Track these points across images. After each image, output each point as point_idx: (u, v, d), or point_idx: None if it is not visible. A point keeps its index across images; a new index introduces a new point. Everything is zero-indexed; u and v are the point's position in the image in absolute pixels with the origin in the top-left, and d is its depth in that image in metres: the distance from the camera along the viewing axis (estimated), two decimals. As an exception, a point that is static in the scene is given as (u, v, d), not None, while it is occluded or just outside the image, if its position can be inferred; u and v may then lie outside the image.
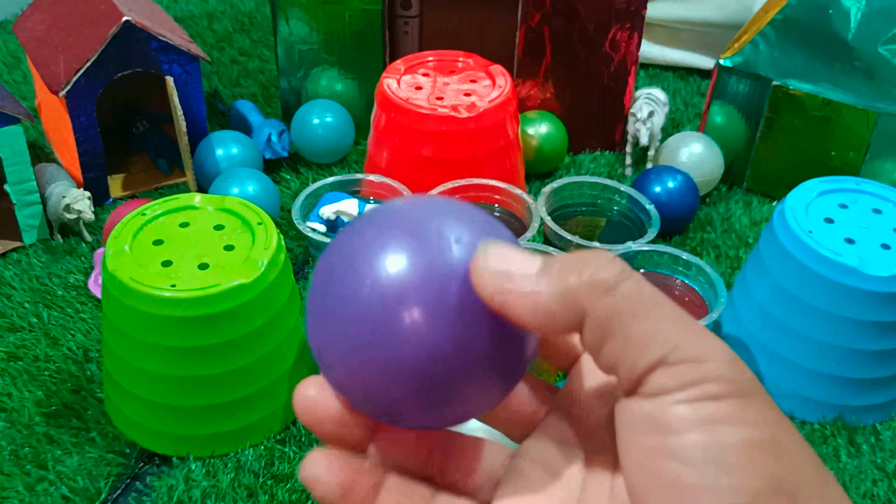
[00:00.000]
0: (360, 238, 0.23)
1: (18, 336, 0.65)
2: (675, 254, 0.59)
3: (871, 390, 0.60)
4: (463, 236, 0.22)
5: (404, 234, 0.22)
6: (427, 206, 0.23)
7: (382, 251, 0.22)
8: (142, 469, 0.57)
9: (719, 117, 0.81)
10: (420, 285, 0.21)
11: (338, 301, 0.22)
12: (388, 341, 0.22)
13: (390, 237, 0.22)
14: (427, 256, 0.22)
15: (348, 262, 0.22)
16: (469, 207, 0.24)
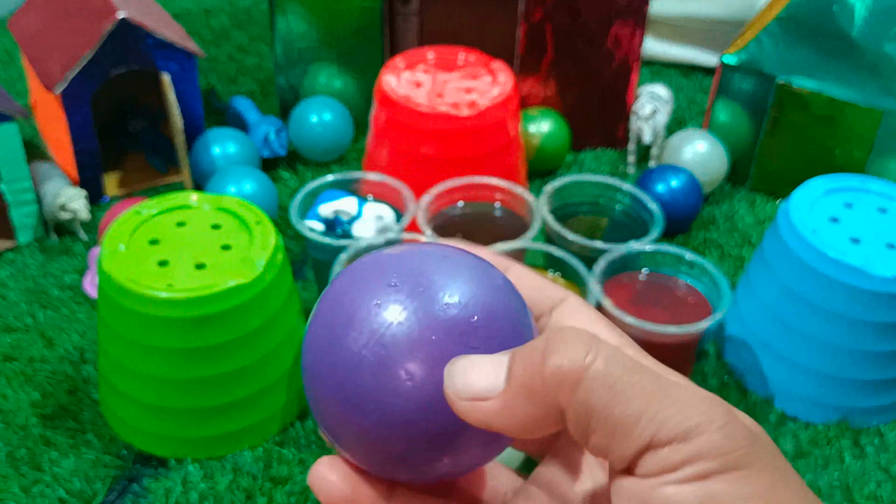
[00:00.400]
0: (350, 292, 0.22)
1: (14, 336, 0.64)
2: (678, 253, 0.58)
3: (876, 392, 0.60)
4: (454, 289, 0.22)
5: (394, 288, 0.22)
6: (417, 257, 0.23)
7: (375, 307, 0.22)
8: (138, 471, 0.56)
9: (723, 115, 0.80)
10: (413, 344, 0.21)
11: (332, 358, 0.22)
12: (384, 400, 0.22)
13: (380, 292, 0.22)
14: (419, 313, 0.22)
15: (341, 317, 0.22)
16: (458, 254, 0.23)
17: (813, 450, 0.58)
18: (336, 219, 0.60)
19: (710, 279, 0.57)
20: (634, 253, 0.58)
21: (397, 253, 0.23)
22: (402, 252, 0.23)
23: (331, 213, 0.60)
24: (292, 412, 0.59)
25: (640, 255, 0.59)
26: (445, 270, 0.22)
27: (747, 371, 0.63)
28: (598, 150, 0.86)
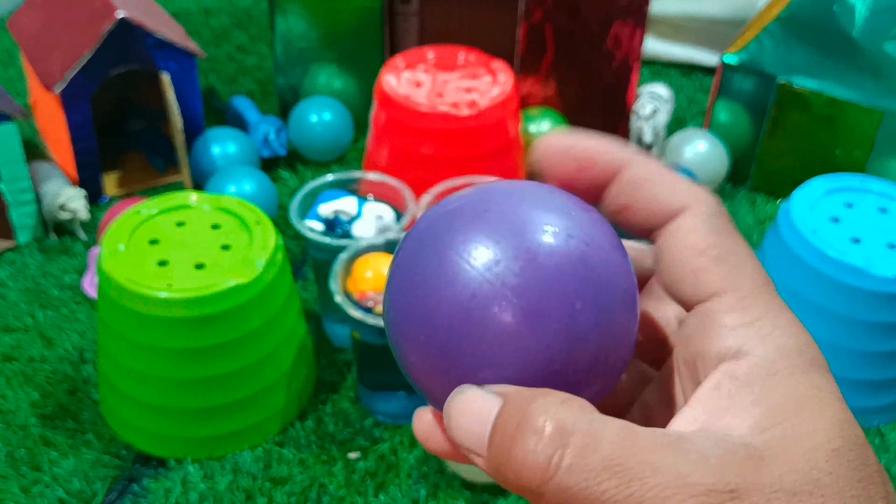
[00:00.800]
0: (451, 228, 0.21)
1: (13, 336, 0.64)
2: (678, 253, 0.58)
3: (877, 392, 0.60)
4: (562, 228, 0.20)
5: (501, 226, 0.20)
6: (523, 194, 0.21)
7: (475, 242, 0.20)
8: (138, 471, 0.56)
9: (724, 115, 0.80)
10: (518, 287, 0.20)
11: (427, 292, 0.20)
12: (476, 345, 0.20)
13: (484, 228, 0.20)
14: (527, 253, 0.20)
15: (440, 250, 0.20)
16: (562, 195, 0.22)
17: (813, 450, 0.58)
18: (336, 218, 0.60)
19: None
20: (634, 253, 0.58)
21: (481, 194, 0.21)
22: (485, 193, 0.21)
23: (330, 212, 0.60)
24: (292, 412, 0.59)
25: (640, 255, 0.59)
26: (535, 205, 0.21)
27: (747, 371, 0.63)
28: (598, 150, 0.86)
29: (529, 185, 0.22)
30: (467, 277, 0.20)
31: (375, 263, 0.55)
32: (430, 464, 0.56)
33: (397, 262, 0.22)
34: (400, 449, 0.57)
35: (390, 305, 0.21)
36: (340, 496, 0.54)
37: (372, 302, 0.54)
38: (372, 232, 0.60)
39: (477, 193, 0.22)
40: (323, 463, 0.56)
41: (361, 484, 0.55)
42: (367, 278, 0.54)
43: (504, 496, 0.55)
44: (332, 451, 0.57)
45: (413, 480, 0.55)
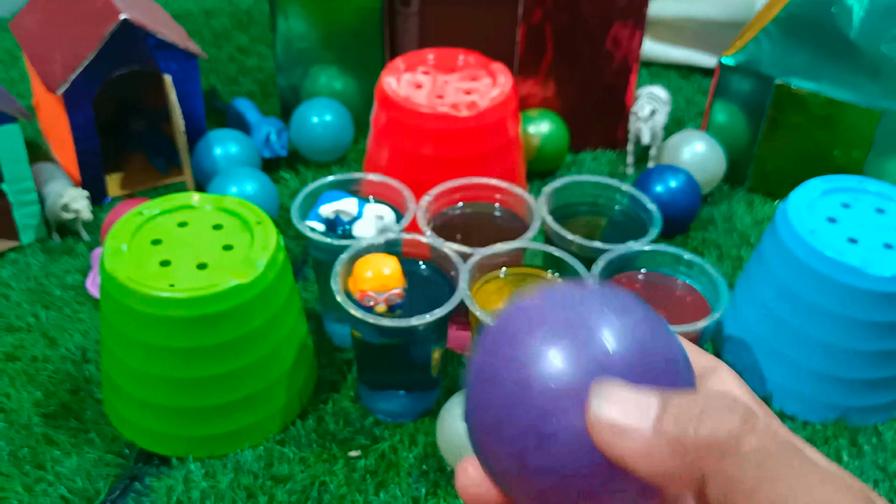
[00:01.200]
0: (517, 340, 0.23)
1: (16, 336, 0.65)
2: (676, 253, 0.58)
3: (874, 391, 0.60)
4: (618, 338, 0.22)
5: (564, 335, 0.22)
6: (577, 299, 0.23)
7: (540, 354, 0.22)
8: (141, 470, 0.57)
9: (722, 116, 0.81)
10: (576, 391, 0.21)
11: (497, 393, 0.22)
12: (541, 445, 0.22)
13: (550, 339, 0.22)
14: (583, 361, 0.22)
15: (509, 358, 0.22)
16: (617, 296, 0.24)
17: (811, 449, 0.59)
18: (337, 219, 0.61)
19: (709, 279, 0.57)
20: (633, 253, 0.59)
21: (556, 296, 0.23)
22: (560, 295, 0.23)
23: (331, 213, 0.61)
24: (293, 411, 0.59)
25: (638, 255, 0.59)
26: (608, 312, 0.23)
27: (745, 370, 0.63)
28: (597, 151, 0.86)
29: (599, 294, 0.24)
30: (542, 391, 0.22)
31: (376, 263, 0.55)
32: (431, 462, 0.57)
33: (476, 369, 0.23)
34: (400, 447, 0.58)
35: (471, 413, 0.23)
36: (341, 494, 0.55)
37: (372, 301, 0.55)
38: (372, 232, 0.60)
39: (552, 301, 0.23)
40: (324, 461, 0.57)
41: (362, 482, 0.56)
42: (367, 278, 0.55)
43: (504, 494, 0.55)
44: (332, 449, 0.57)
45: (413, 479, 0.56)
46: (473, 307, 0.54)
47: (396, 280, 0.55)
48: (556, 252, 0.58)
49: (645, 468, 0.20)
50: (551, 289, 0.24)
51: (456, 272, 0.57)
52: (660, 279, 0.59)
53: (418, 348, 0.57)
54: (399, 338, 0.55)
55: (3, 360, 0.63)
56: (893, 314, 0.57)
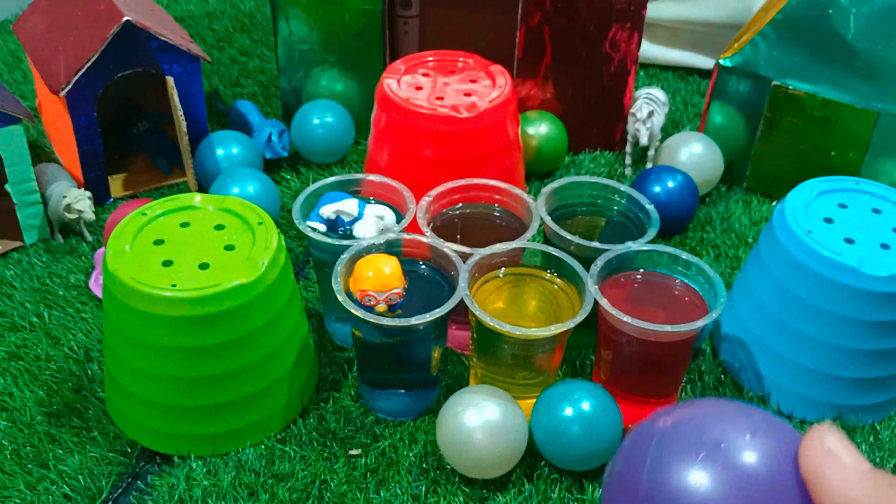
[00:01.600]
0: (659, 466, 0.25)
1: (20, 336, 0.65)
2: (674, 254, 0.59)
3: (871, 390, 0.60)
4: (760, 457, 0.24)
5: (698, 457, 0.24)
6: (716, 422, 0.25)
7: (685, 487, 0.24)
8: (143, 468, 0.57)
9: (719, 117, 0.81)
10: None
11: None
12: None
13: (689, 467, 0.24)
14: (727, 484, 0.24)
15: (652, 482, 0.24)
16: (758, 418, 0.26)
17: (807, 447, 0.59)
18: (337, 219, 0.61)
19: (706, 279, 0.57)
20: (631, 253, 0.59)
21: (698, 419, 0.25)
22: (702, 418, 0.25)
23: (332, 213, 0.61)
24: (295, 410, 0.60)
25: (636, 256, 0.60)
26: (747, 435, 0.24)
27: (743, 369, 0.63)
28: (595, 152, 0.87)
29: (728, 412, 0.26)
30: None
31: (377, 263, 0.56)
32: (431, 461, 0.57)
33: (617, 484, 0.25)
34: (401, 446, 0.58)
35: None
36: (342, 492, 0.55)
37: (373, 301, 0.55)
38: (373, 232, 0.61)
39: (683, 423, 0.25)
40: (325, 460, 0.57)
41: (363, 480, 0.56)
42: (368, 278, 0.55)
43: (503, 492, 0.56)
44: (333, 448, 0.58)
45: (413, 477, 0.56)
46: (473, 307, 0.54)
47: (397, 280, 0.55)
48: (554, 252, 0.59)
49: (835, 496, 0.23)
50: (686, 408, 0.25)
51: (455, 272, 0.57)
52: (658, 279, 0.60)
53: (418, 347, 0.57)
54: (399, 337, 0.56)
55: (6, 360, 0.63)
56: (890, 314, 0.57)
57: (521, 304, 0.60)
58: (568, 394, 0.55)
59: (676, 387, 0.60)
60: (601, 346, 0.59)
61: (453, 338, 0.64)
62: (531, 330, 0.54)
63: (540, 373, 0.58)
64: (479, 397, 0.54)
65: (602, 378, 0.59)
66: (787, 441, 0.25)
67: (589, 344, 0.64)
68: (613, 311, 0.54)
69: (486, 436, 0.53)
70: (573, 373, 0.64)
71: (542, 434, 0.55)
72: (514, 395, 0.56)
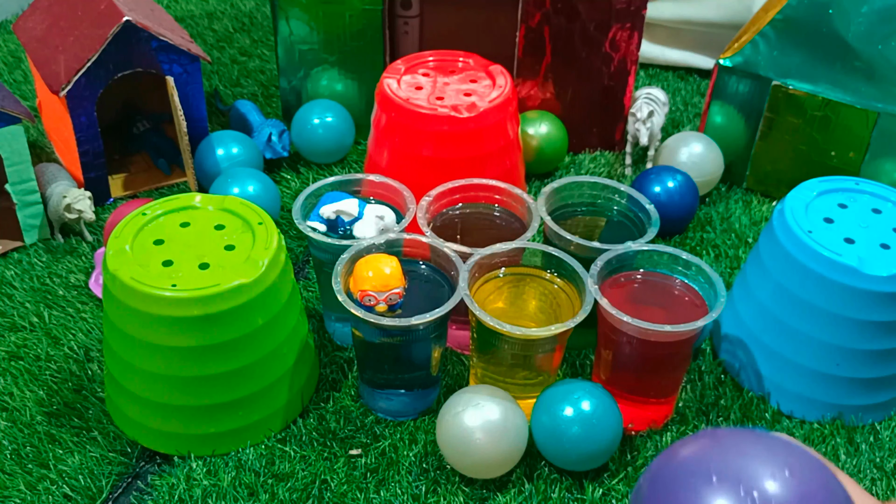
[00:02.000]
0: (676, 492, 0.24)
1: (20, 336, 0.65)
2: (674, 253, 0.59)
3: (871, 390, 0.60)
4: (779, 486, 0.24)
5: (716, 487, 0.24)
6: (736, 448, 0.25)
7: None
8: (143, 468, 0.57)
9: (719, 117, 0.81)
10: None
11: None
12: None
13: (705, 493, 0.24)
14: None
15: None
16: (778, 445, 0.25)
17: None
18: (338, 219, 0.61)
19: (706, 279, 0.57)
20: (631, 253, 0.59)
21: (717, 445, 0.25)
22: (721, 444, 0.25)
23: (332, 214, 0.61)
24: (295, 410, 0.60)
25: (637, 256, 0.60)
26: (767, 463, 0.24)
27: (743, 369, 0.63)
28: (595, 152, 0.87)
29: (749, 439, 0.26)
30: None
31: (377, 263, 0.56)
32: (431, 461, 0.57)
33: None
34: (401, 446, 0.58)
35: None
36: (342, 492, 0.55)
37: (373, 300, 0.55)
38: (373, 232, 0.61)
39: (704, 452, 0.25)
40: (325, 460, 0.57)
41: (363, 480, 0.56)
42: (368, 278, 0.55)
43: (502, 493, 0.56)
44: (333, 447, 0.58)
45: (413, 477, 0.56)
46: (473, 307, 0.55)
47: (397, 280, 0.55)
48: (554, 252, 0.59)
49: None
50: (710, 437, 0.25)
51: (455, 272, 0.57)
52: (658, 279, 0.60)
53: (419, 347, 0.57)
54: (399, 337, 0.56)
55: (6, 360, 0.63)
56: (890, 314, 0.57)
57: (521, 304, 0.60)
58: (568, 394, 0.55)
59: (676, 387, 0.60)
60: (601, 345, 0.59)
61: (453, 338, 0.65)
62: (531, 330, 0.54)
63: (540, 373, 0.58)
64: (479, 397, 0.54)
65: (602, 378, 0.59)
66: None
67: (589, 344, 0.64)
68: (613, 311, 0.54)
69: (486, 436, 0.53)
70: (573, 373, 0.64)
71: (542, 434, 0.55)
72: (514, 395, 0.56)
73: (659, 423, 0.60)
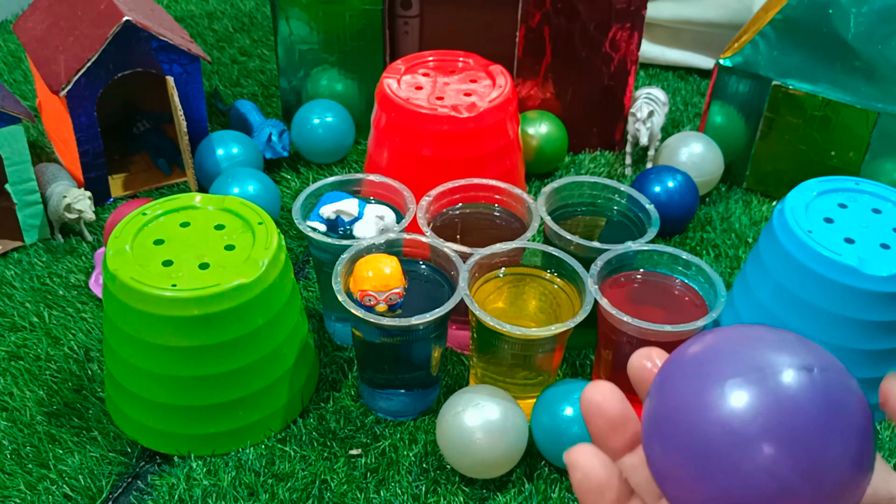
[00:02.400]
0: (702, 372, 0.24)
1: (20, 336, 0.65)
2: (674, 253, 0.59)
3: (871, 390, 0.60)
4: (802, 364, 0.24)
5: (747, 369, 0.24)
6: (759, 338, 0.25)
7: (728, 388, 0.23)
8: (143, 468, 0.57)
9: (719, 117, 0.81)
10: (768, 423, 0.23)
11: (687, 430, 0.24)
12: (736, 477, 0.23)
13: (735, 373, 0.24)
14: (772, 393, 0.23)
15: (695, 395, 0.24)
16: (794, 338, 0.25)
17: (807, 447, 0.59)
18: (338, 219, 0.61)
19: (707, 279, 0.57)
20: (631, 253, 0.59)
21: (732, 340, 0.25)
22: (737, 339, 0.25)
23: (332, 213, 0.61)
24: (295, 410, 0.60)
25: (636, 255, 0.60)
26: (785, 349, 0.24)
27: (743, 369, 0.63)
28: (595, 152, 0.87)
29: (761, 330, 0.25)
30: (723, 415, 0.23)
31: (377, 263, 0.56)
32: (431, 461, 0.57)
33: (657, 399, 0.25)
34: (401, 446, 0.58)
35: (652, 432, 0.25)
36: (342, 492, 0.55)
37: (373, 300, 0.55)
38: (373, 232, 0.61)
39: (719, 340, 0.25)
40: (325, 460, 0.57)
41: (363, 480, 0.56)
42: (368, 277, 0.55)
43: (502, 493, 0.56)
44: (333, 447, 0.58)
45: (413, 477, 0.56)
46: (473, 306, 0.55)
47: (397, 280, 0.55)
48: (554, 252, 0.59)
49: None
50: (732, 331, 0.25)
51: (456, 272, 0.57)
52: (658, 279, 0.60)
53: (419, 347, 0.57)
54: (399, 337, 0.56)
55: (6, 360, 0.63)
56: (890, 314, 0.57)
57: (521, 304, 0.60)
58: (568, 394, 0.55)
59: (676, 387, 0.60)
60: (601, 345, 0.59)
61: (453, 338, 0.65)
62: (531, 330, 0.54)
63: (540, 373, 0.58)
64: (479, 397, 0.54)
65: (602, 378, 0.60)
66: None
67: (589, 344, 0.64)
68: (613, 311, 0.54)
69: (487, 436, 0.53)
70: (573, 373, 0.64)
71: (542, 434, 0.55)
72: (514, 394, 0.56)
73: (659, 423, 0.60)
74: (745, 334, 0.25)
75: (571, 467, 0.26)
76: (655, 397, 0.25)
